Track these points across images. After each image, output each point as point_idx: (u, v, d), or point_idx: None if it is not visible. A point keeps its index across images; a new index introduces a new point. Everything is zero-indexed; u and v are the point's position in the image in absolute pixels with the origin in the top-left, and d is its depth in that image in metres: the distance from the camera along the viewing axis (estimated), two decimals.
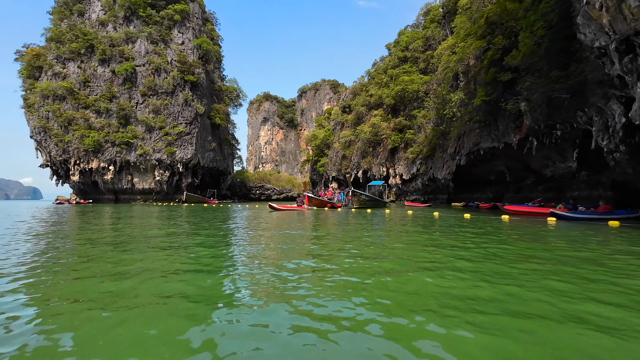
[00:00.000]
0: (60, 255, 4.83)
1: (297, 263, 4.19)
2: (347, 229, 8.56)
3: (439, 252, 5.00)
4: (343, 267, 3.99)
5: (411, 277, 3.46)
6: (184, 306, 2.55)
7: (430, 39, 48.26)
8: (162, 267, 3.99)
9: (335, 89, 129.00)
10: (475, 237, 6.81)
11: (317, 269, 3.88)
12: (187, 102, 45.24)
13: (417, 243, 6.09)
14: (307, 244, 5.90)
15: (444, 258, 4.56)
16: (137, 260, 4.41)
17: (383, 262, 4.27)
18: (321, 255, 4.78)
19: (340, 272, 3.70)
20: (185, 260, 4.44)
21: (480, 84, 29.41)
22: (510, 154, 30.56)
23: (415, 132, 44.69)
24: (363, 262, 4.25)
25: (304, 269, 3.90)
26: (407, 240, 6.44)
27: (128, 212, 18.75)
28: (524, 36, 19.83)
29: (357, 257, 4.58)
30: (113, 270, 3.82)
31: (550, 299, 2.74)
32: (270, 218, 12.85)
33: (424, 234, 7.59)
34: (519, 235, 7.17)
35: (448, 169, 37.80)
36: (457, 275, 3.56)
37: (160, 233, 7.64)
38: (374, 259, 4.47)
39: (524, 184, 34.56)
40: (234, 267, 4.04)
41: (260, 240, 6.56)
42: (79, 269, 3.86)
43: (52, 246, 5.66)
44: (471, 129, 32.94)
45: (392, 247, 5.58)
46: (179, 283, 3.24)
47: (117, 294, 2.87)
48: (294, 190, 78.27)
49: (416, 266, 4.05)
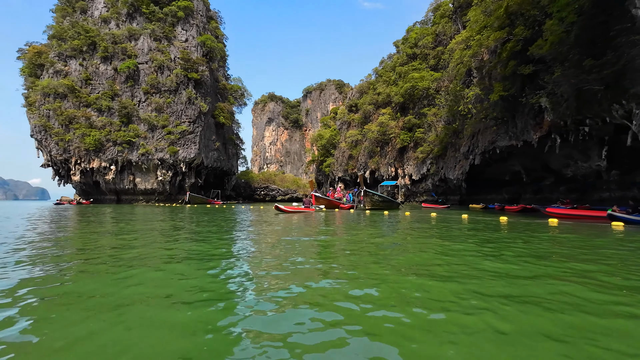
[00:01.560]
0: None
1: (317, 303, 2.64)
2: (377, 243, 7.10)
3: (536, 287, 3.05)
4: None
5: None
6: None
7: (440, 34, 46.68)
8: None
9: (340, 89, 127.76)
10: (562, 250, 5.30)
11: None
12: (191, 100, 44.15)
13: (482, 269, 3.84)
14: (324, 264, 4.19)
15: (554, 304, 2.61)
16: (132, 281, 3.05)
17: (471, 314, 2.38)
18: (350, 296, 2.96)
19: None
20: (182, 290, 3.08)
21: (497, 79, 27.93)
22: (529, 152, 29.04)
23: (425, 130, 43.13)
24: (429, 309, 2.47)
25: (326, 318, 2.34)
26: (468, 260, 4.35)
27: (124, 213, 17.52)
28: (551, 24, 18.24)
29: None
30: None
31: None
32: (276, 221, 11.47)
33: (476, 248, 5.34)
34: (614, 249, 5.44)
35: (461, 169, 36.21)
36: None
37: (157, 248, 6.29)
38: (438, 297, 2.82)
39: (542, 184, 32.92)
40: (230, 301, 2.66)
41: (265, 255, 5.16)
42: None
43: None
44: (486, 127, 31.40)
45: (461, 278, 3.41)
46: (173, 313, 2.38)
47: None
48: (299, 191, 77.11)
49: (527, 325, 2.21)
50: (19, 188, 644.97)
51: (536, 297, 2.74)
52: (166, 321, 2.22)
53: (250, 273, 3.63)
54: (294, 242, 6.06)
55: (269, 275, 3.54)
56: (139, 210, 21.01)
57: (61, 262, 4.14)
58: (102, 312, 2.39)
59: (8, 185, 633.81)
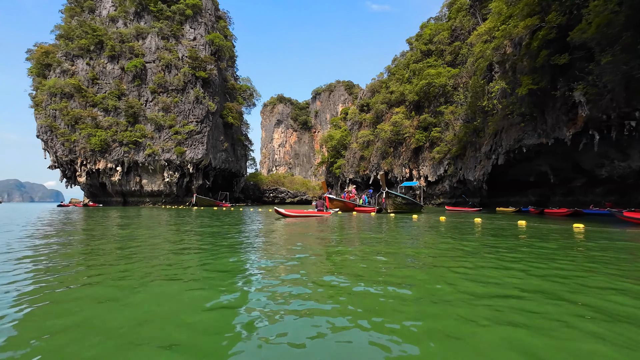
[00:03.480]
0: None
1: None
2: (432, 266, 5.26)
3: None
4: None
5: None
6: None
7: (457, 29, 44.59)
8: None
9: (350, 90, 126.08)
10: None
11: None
12: (198, 99, 42.97)
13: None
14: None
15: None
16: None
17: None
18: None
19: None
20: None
21: (524, 72, 25.87)
22: (559, 151, 26.80)
23: (442, 129, 41.02)
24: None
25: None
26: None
27: (127, 217, 16.07)
28: (596, 4, 16.15)
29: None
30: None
31: None
32: (282, 231, 9.72)
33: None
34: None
35: (482, 170, 33.98)
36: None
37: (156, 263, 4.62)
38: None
39: (573, 185, 30.53)
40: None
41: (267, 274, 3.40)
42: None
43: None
44: (512, 124, 29.26)
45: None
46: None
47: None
48: (309, 193, 75.54)
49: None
50: (35, 190, 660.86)
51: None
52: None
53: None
54: (321, 258, 4.29)
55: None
56: (141, 213, 19.58)
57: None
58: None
59: (24, 187, 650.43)
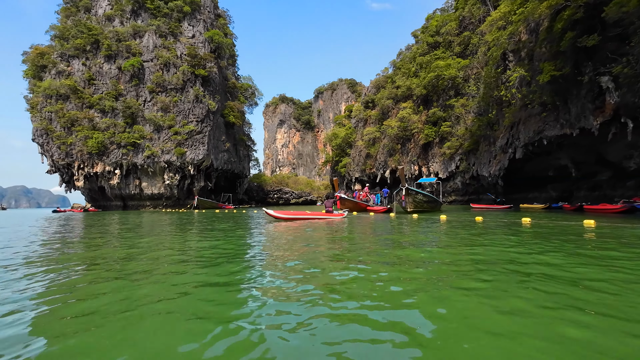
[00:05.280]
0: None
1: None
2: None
3: None
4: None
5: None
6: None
7: (466, 19, 42.65)
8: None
9: (353, 88, 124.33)
10: None
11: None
12: (198, 98, 41.46)
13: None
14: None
15: None
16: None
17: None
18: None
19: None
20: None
21: (543, 59, 24.04)
22: (583, 143, 24.83)
23: (452, 124, 39.13)
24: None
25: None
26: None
27: (121, 224, 14.50)
28: None
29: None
30: None
31: None
32: (288, 241, 8.00)
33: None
34: None
35: (498, 164, 32.07)
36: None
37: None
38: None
39: (598, 179, 28.47)
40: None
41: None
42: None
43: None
44: (530, 115, 27.35)
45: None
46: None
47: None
48: (313, 194, 73.93)
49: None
50: (42, 196, 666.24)
51: None
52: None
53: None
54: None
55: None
56: (138, 221, 18.02)
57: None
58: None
59: (31, 193, 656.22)
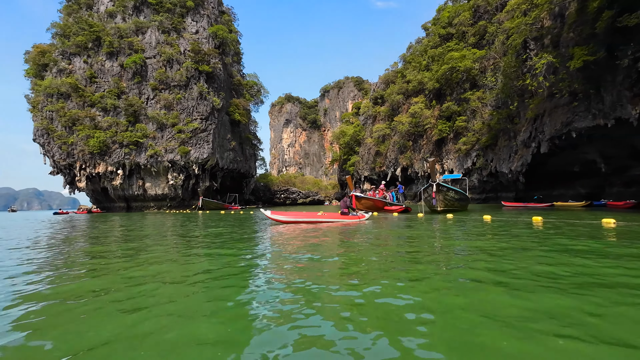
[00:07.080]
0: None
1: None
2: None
3: None
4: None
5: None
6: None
7: (480, 8, 40.57)
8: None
9: (359, 86, 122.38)
10: None
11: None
12: (202, 95, 40.11)
13: None
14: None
15: None
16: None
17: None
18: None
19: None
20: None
21: (570, 44, 22.08)
22: (615, 135, 22.73)
23: (468, 118, 37.12)
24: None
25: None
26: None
27: (120, 228, 13.04)
28: None
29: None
30: None
31: None
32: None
33: None
34: None
35: (520, 160, 30.01)
36: None
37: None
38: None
39: (631, 174, 26.30)
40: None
41: None
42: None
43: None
44: (556, 106, 25.27)
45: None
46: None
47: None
48: (321, 193, 72.34)
49: None
50: (53, 198, 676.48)
51: None
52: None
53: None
54: None
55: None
56: (140, 224, 16.57)
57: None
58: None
59: (43, 196, 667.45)
